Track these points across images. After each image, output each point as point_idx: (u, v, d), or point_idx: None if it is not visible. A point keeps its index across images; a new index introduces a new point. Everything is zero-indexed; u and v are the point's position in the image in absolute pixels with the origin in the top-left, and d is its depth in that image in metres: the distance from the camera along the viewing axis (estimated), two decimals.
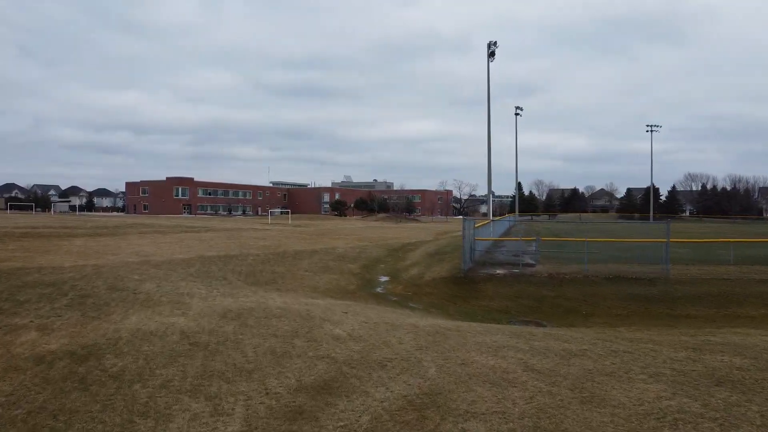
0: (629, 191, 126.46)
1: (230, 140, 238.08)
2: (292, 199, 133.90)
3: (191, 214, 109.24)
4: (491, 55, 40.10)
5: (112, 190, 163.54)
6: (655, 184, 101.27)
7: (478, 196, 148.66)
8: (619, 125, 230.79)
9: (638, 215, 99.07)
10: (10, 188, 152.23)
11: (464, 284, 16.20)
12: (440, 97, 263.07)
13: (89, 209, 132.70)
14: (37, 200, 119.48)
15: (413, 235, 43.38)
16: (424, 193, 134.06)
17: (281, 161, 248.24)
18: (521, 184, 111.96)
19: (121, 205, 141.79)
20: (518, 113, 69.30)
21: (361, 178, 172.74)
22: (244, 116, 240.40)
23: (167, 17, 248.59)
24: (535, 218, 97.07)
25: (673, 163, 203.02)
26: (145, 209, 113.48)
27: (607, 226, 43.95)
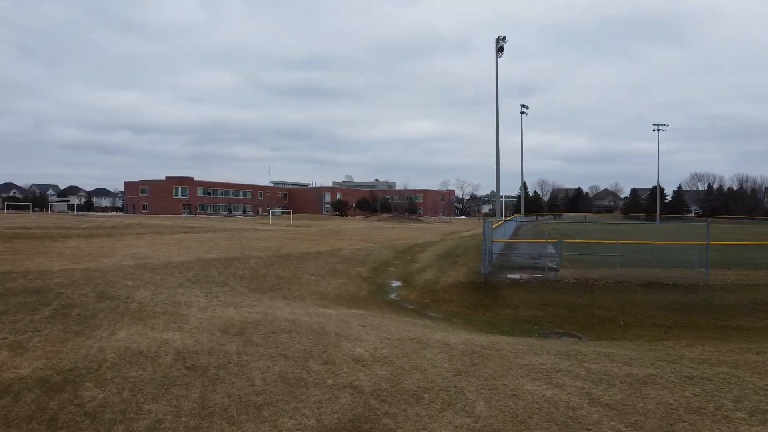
0: (634, 191, 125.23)
1: (230, 140, 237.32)
2: (292, 198, 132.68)
3: (191, 214, 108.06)
4: (500, 50, 39.00)
5: (111, 189, 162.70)
6: (660, 184, 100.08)
7: (479, 196, 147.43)
8: (619, 125, 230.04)
9: (644, 215, 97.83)
10: (8, 188, 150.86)
11: (485, 290, 14.97)
12: (440, 97, 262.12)
13: (88, 209, 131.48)
14: (35, 200, 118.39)
15: (419, 235, 42.20)
16: (426, 193, 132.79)
17: (281, 161, 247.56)
18: (525, 184, 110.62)
19: (120, 205, 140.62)
20: (524, 111, 68.24)
21: (361, 178, 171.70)
22: (244, 116, 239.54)
23: (167, 17, 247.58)
24: (540, 218, 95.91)
25: (671, 164, 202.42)
26: (144, 209, 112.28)
27: (622, 227, 42.92)
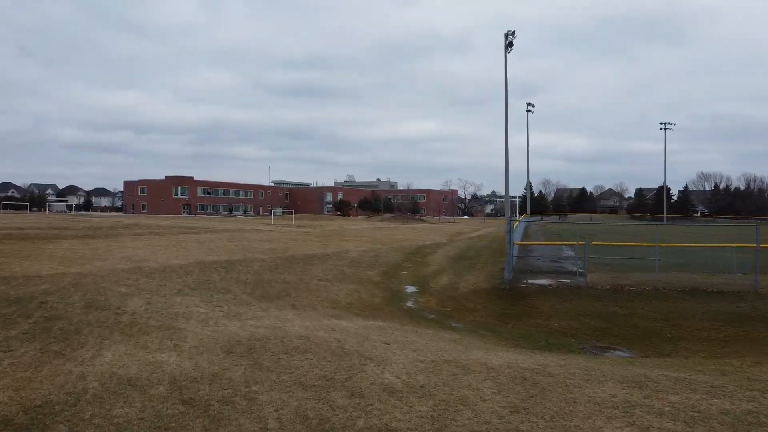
0: (639, 191, 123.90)
1: (230, 140, 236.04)
2: (293, 198, 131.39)
3: (191, 214, 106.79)
4: (509, 45, 37.71)
5: (110, 189, 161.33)
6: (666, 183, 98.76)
7: (481, 195, 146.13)
8: (619, 125, 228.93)
9: (650, 215, 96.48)
10: (6, 187, 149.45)
11: (511, 298, 13.75)
12: (440, 97, 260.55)
13: (87, 209, 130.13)
14: (33, 200, 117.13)
15: (425, 236, 41.00)
16: (428, 192, 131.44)
17: (281, 161, 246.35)
18: (530, 183, 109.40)
19: (119, 204, 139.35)
20: (530, 110, 66.88)
21: (361, 178, 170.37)
22: (244, 116, 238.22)
23: (167, 17, 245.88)
24: (545, 219, 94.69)
25: (673, 164, 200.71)
26: (143, 209, 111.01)
27: (633, 227, 41.69)
